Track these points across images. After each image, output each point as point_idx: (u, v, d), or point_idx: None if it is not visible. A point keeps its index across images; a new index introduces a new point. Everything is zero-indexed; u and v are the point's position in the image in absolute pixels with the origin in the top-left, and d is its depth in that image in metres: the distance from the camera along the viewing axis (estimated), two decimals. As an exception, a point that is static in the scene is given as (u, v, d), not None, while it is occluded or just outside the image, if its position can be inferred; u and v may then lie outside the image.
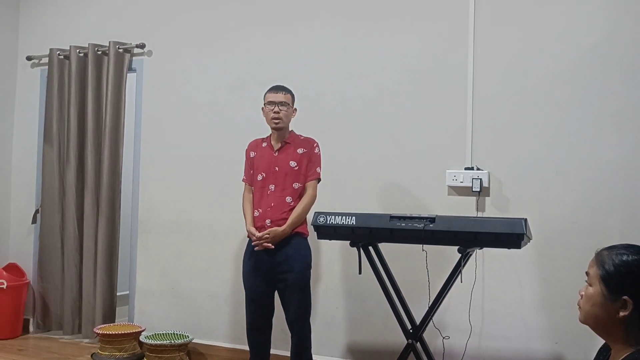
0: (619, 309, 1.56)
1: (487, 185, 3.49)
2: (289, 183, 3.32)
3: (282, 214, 3.29)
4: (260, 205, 3.35)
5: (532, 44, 3.45)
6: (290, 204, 3.31)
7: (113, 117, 4.53)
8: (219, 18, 4.34)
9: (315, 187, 3.37)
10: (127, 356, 4.06)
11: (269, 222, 3.28)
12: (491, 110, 3.53)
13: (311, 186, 3.36)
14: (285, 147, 3.38)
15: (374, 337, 3.76)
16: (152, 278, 4.46)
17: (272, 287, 3.34)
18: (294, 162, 3.34)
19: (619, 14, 3.29)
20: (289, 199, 3.31)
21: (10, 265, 4.86)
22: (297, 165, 3.33)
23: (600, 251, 1.66)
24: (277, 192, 3.32)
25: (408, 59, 3.74)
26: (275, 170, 3.35)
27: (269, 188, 3.34)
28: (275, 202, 3.31)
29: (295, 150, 3.37)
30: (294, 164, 3.33)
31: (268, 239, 3.24)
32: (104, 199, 4.51)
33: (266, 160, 3.39)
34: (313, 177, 3.36)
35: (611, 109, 3.28)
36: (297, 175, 3.33)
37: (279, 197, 3.31)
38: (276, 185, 3.33)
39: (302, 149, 3.37)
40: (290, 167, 3.33)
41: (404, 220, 2.97)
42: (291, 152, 3.36)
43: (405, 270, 3.48)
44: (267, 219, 3.29)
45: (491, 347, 3.48)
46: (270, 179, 3.35)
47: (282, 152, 3.38)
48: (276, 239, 3.25)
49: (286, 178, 3.32)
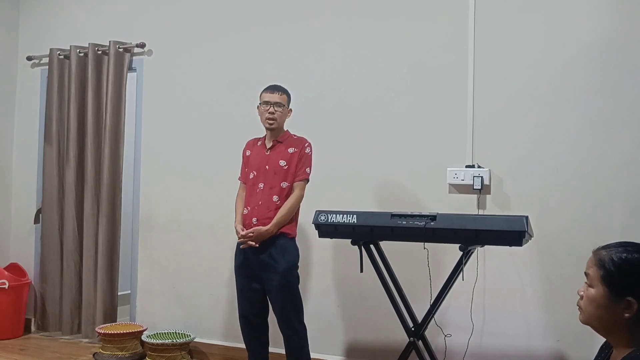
0: (623, 309, 1.53)
1: (488, 183, 3.49)
2: (277, 182, 3.32)
3: (268, 212, 3.29)
4: (250, 203, 3.37)
5: (533, 42, 3.45)
6: (276, 203, 3.30)
7: (113, 117, 4.53)
8: (219, 17, 4.33)
9: (303, 188, 3.36)
10: (129, 355, 4.07)
11: (255, 220, 3.30)
12: (492, 108, 3.53)
13: (298, 186, 3.34)
14: (276, 146, 3.39)
15: (376, 336, 3.76)
16: (153, 277, 4.47)
17: (261, 284, 3.34)
18: (283, 161, 3.34)
19: (619, 12, 3.29)
20: (276, 198, 3.31)
21: (11, 265, 4.86)
22: (287, 164, 3.33)
23: (598, 250, 1.63)
24: (265, 190, 3.33)
25: (408, 57, 3.74)
26: (265, 168, 3.36)
27: (258, 186, 3.36)
28: (262, 201, 3.32)
29: (287, 149, 3.37)
30: (283, 163, 3.33)
31: (252, 237, 3.26)
32: (104, 198, 4.51)
33: (258, 159, 3.40)
34: (301, 178, 3.35)
35: (612, 106, 3.28)
36: (286, 174, 3.33)
37: (266, 196, 3.32)
38: (265, 183, 3.34)
39: (293, 148, 3.37)
40: (279, 166, 3.33)
41: (405, 218, 2.97)
42: (282, 151, 3.36)
43: (407, 269, 3.48)
44: (253, 217, 3.31)
45: (493, 345, 3.48)
46: (260, 177, 3.36)
47: (273, 151, 3.38)
48: (260, 237, 3.26)
49: (275, 177, 3.33)
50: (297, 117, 3.88)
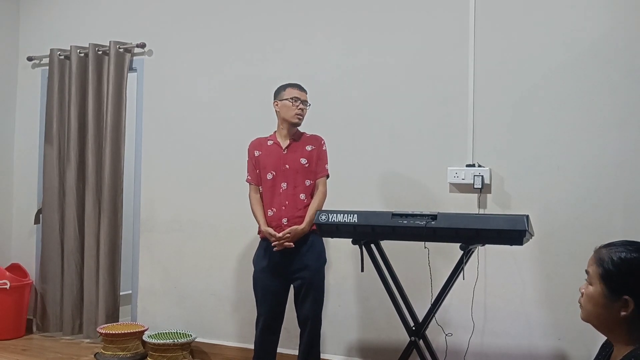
0: (620, 308, 1.55)
1: (488, 182, 3.49)
2: (300, 180, 3.31)
3: (298, 211, 3.27)
4: (273, 204, 3.31)
5: (533, 40, 3.45)
6: (304, 201, 3.30)
7: (114, 117, 4.53)
8: (220, 17, 4.33)
9: (326, 184, 3.38)
10: (131, 355, 4.07)
11: (286, 221, 3.26)
12: (492, 107, 3.53)
13: (322, 183, 3.36)
14: (293, 145, 3.37)
15: (377, 335, 3.76)
16: (155, 277, 4.47)
17: (286, 286, 3.33)
18: (304, 159, 3.33)
19: (619, 10, 3.28)
20: (303, 196, 3.30)
21: (13, 266, 4.87)
22: (308, 162, 3.33)
23: (599, 249, 1.64)
24: (290, 190, 3.30)
25: (409, 57, 3.74)
26: (285, 168, 3.33)
27: (280, 186, 3.31)
28: (289, 201, 3.29)
29: (304, 147, 3.36)
30: (304, 161, 3.32)
31: (289, 238, 3.23)
32: (105, 198, 4.51)
33: (274, 159, 3.36)
34: (323, 174, 3.37)
35: (613, 105, 3.27)
36: (308, 172, 3.33)
37: (292, 195, 3.29)
38: (288, 183, 3.31)
39: (310, 145, 3.37)
40: (301, 165, 3.32)
41: (406, 217, 2.96)
42: (300, 150, 3.35)
43: (408, 268, 3.48)
44: (282, 218, 3.27)
45: (494, 344, 3.48)
46: (280, 177, 3.32)
47: (291, 150, 3.36)
48: (296, 237, 3.24)
49: (297, 175, 3.31)
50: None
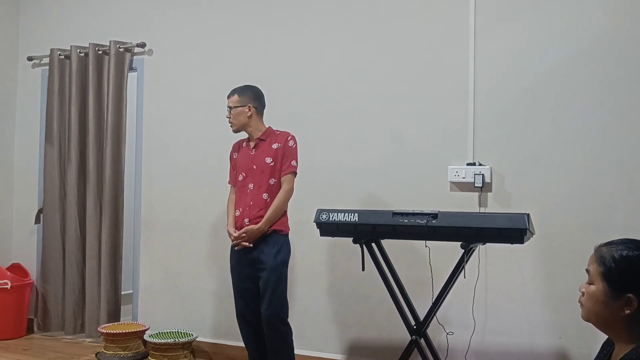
0: (623, 306, 1.54)
1: (489, 181, 3.49)
2: (265, 180, 3.32)
3: (259, 211, 3.30)
4: (240, 204, 3.37)
5: (534, 39, 3.44)
6: (266, 201, 3.30)
7: (114, 117, 4.53)
8: (220, 17, 4.33)
9: (292, 181, 3.35)
10: (132, 355, 4.08)
11: (247, 221, 3.30)
12: (493, 105, 3.52)
13: (286, 180, 3.33)
14: (260, 145, 3.39)
15: (378, 334, 3.76)
16: (156, 277, 4.47)
17: (255, 283, 3.35)
18: (269, 158, 3.34)
19: (620, 9, 3.28)
20: (266, 196, 3.31)
21: (14, 266, 4.87)
22: (273, 160, 3.33)
23: (599, 247, 1.63)
24: (255, 190, 3.33)
25: (409, 55, 3.74)
26: (253, 168, 3.36)
27: (248, 187, 3.36)
28: (253, 201, 3.32)
29: (270, 145, 3.37)
30: (269, 160, 3.33)
31: (245, 238, 3.27)
32: (106, 198, 4.51)
33: (245, 160, 3.41)
34: (288, 171, 3.34)
35: (613, 103, 3.27)
36: (273, 171, 3.33)
37: (256, 195, 3.32)
38: (254, 183, 3.35)
39: (276, 143, 3.36)
40: (266, 164, 3.33)
41: (407, 216, 2.97)
42: (266, 148, 3.37)
43: (408, 267, 3.48)
44: (245, 218, 3.32)
45: (495, 342, 3.48)
46: (249, 177, 3.37)
47: (258, 150, 3.39)
48: (252, 237, 3.27)
49: (262, 175, 3.33)
50: (299, 116, 3.89)
